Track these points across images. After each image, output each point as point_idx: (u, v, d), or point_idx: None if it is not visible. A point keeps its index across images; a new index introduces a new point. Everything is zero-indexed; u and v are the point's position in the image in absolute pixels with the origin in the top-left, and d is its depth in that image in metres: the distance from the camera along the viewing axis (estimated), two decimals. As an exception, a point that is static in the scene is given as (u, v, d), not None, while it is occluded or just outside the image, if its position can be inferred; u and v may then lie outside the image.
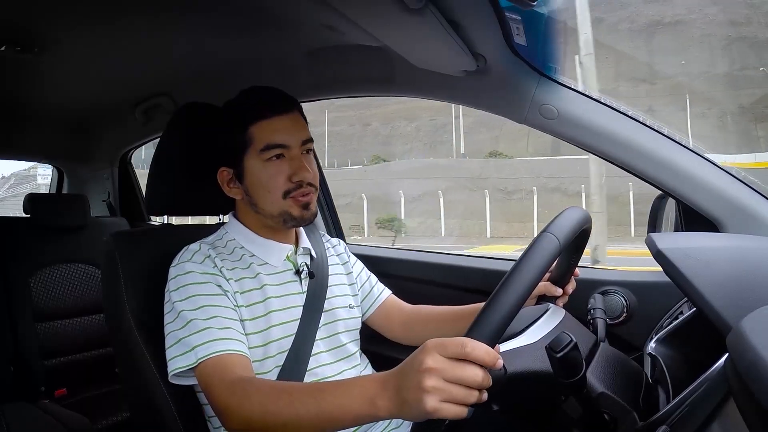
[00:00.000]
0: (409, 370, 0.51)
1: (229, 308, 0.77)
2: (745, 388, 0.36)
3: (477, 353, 0.48)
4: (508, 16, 0.78)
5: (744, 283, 0.54)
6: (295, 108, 0.85)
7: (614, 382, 0.60)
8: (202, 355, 0.70)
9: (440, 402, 0.48)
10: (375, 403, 0.54)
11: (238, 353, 0.72)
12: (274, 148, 0.81)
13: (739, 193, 0.85)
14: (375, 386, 0.54)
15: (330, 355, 0.86)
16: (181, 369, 0.72)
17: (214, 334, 0.72)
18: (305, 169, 0.81)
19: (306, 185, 0.82)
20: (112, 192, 2.12)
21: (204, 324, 0.73)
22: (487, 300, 0.52)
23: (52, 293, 1.64)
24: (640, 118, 0.90)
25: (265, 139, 0.81)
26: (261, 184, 0.82)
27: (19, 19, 1.09)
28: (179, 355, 0.72)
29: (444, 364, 0.49)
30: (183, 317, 0.74)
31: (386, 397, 0.53)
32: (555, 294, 0.82)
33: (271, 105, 0.82)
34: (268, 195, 0.82)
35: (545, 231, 0.57)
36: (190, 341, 0.72)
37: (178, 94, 1.53)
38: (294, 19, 1.05)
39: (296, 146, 0.82)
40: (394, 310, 1.01)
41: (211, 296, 0.76)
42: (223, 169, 0.86)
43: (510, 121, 0.97)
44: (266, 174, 0.81)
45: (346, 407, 0.56)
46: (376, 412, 0.54)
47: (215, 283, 0.78)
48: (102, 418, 1.42)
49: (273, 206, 0.82)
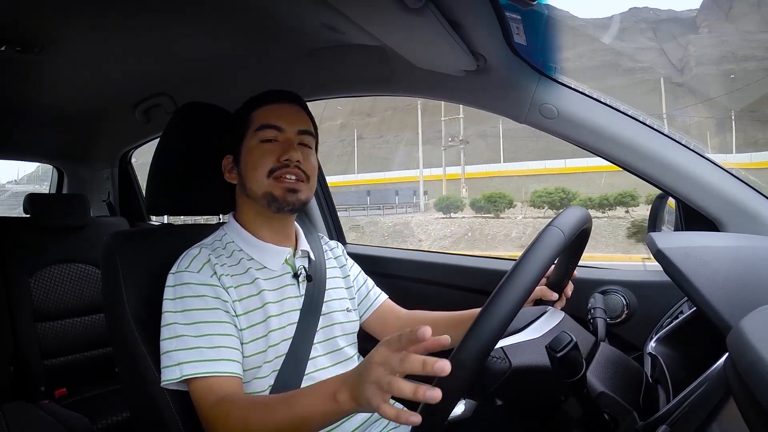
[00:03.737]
0: (362, 364, 0.56)
1: (225, 323, 0.76)
2: (745, 388, 0.36)
3: (411, 335, 0.50)
4: (507, 16, 0.78)
5: (744, 283, 0.54)
6: (297, 102, 0.89)
7: (614, 381, 0.60)
8: (188, 373, 0.71)
9: (376, 391, 0.52)
10: (336, 397, 0.57)
11: (226, 375, 0.73)
12: (268, 128, 0.84)
13: (739, 193, 0.85)
14: (336, 382, 0.59)
15: (327, 358, 0.86)
16: (167, 381, 0.73)
17: (203, 354, 0.72)
18: (294, 150, 0.83)
19: (293, 167, 0.83)
20: (112, 192, 2.12)
21: (194, 342, 0.73)
22: (496, 288, 0.52)
23: (52, 293, 1.64)
24: (641, 117, 0.91)
25: (262, 120, 0.85)
26: (251, 162, 0.84)
27: (19, 19, 1.09)
28: (166, 367, 0.73)
29: (388, 356, 0.52)
30: (173, 330, 0.74)
31: (345, 390, 0.57)
32: (551, 299, 0.83)
33: (274, 93, 0.88)
34: (254, 173, 0.83)
35: (551, 225, 0.58)
36: (177, 356, 0.72)
37: (178, 94, 1.53)
38: (294, 19, 1.05)
39: (291, 132, 0.85)
40: (390, 315, 1.01)
41: (206, 311, 0.76)
42: (227, 157, 0.89)
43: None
44: (258, 153, 0.84)
45: (313, 407, 0.60)
46: (339, 406, 0.57)
47: (212, 296, 0.77)
48: (102, 418, 1.42)
49: (258, 185, 0.83)
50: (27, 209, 1.71)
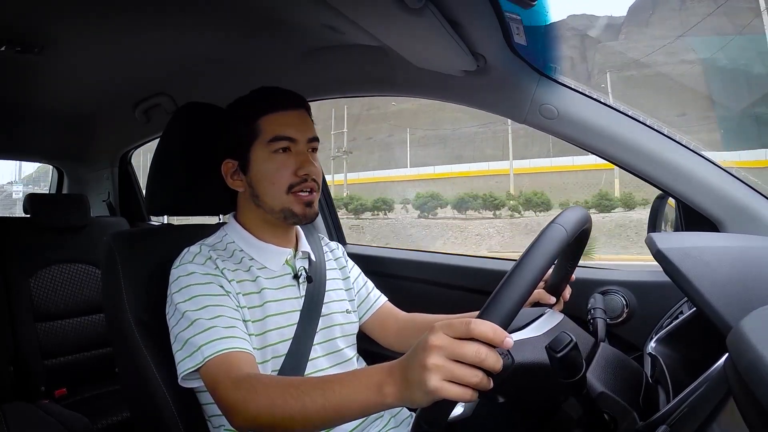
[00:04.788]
0: (415, 351, 0.51)
1: (233, 308, 0.76)
2: (745, 388, 0.36)
3: (481, 329, 0.47)
4: (507, 16, 0.78)
5: (744, 283, 0.54)
6: (303, 106, 0.87)
7: (614, 382, 0.60)
8: (208, 354, 0.70)
9: (442, 381, 0.47)
10: (382, 389, 0.53)
11: (244, 351, 0.72)
12: (281, 140, 0.82)
13: (739, 193, 0.85)
14: (382, 373, 0.54)
15: (327, 359, 0.86)
16: (190, 370, 0.71)
17: (219, 333, 0.72)
18: (311, 164, 0.82)
19: (311, 180, 0.82)
20: (112, 192, 2.12)
21: (209, 323, 0.72)
22: (498, 286, 0.52)
23: (52, 293, 1.64)
24: (641, 117, 0.90)
25: (274, 131, 0.82)
26: (266, 175, 0.82)
27: (19, 19, 1.09)
28: (187, 356, 0.72)
29: (447, 341, 0.48)
30: (187, 318, 0.73)
31: (392, 382, 0.52)
32: (549, 302, 0.82)
33: (281, 100, 0.85)
34: (271, 187, 0.82)
35: (553, 222, 0.58)
36: (196, 341, 0.71)
37: (178, 94, 1.53)
38: (294, 19, 1.05)
39: (303, 141, 0.84)
40: (390, 318, 1.01)
41: (214, 296, 0.76)
42: (227, 161, 0.86)
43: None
44: (272, 166, 0.82)
45: (353, 396, 0.55)
46: (383, 399, 0.53)
47: (218, 284, 0.77)
48: (102, 418, 1.42)
49: (275, 200, 0.83)
50: (27, 209, 1.71)
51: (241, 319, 0.77)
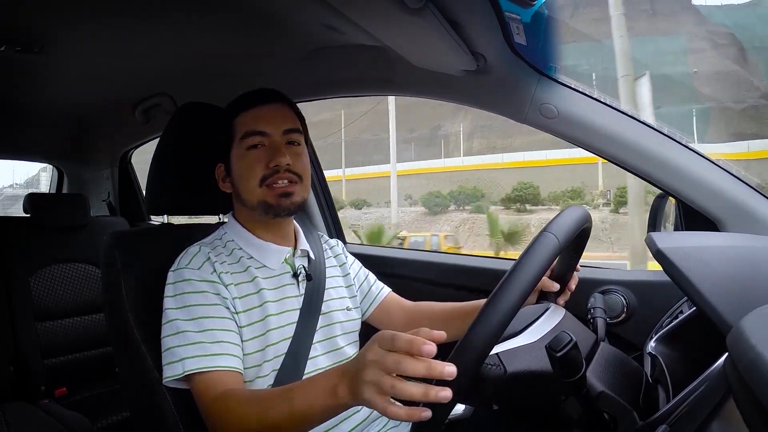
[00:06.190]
0: (357, 358, 0.53)
1: (226, 318, 0.76)
2: (745, 388, 0.36)
3: (398, 343, 0.48)
4: (507, 16, 0.78)
5: (744, 283, 0.55)
6: (278, 100, 0.87)
7: (614, 381, 0.60)
8: (190, 369, 0.71)
9: (376, 394, 0.49)
10: (335, 392, 0.55)
11: (227, 369, 0.72)
12: (253, 135, 0.83)
13: (739, 193, 0.85)
14: (336, 375, 0.56)
15: (327, 358, 0.86)
16: (169, 378, 0.73)
17: (205, 349, 0.72)
18: (282, 155, 0.81)
19: (284, 171, 0.82)
20: (112, 192, 2.12)
21: (196, 336, 0.73)
22: (487, 300, 0.51)
23: (53, 293, 1.64)
24: (640, 117, 0.91)
25: (245, 127, 0.83)
26: (242, 172, 0.83)
27: (19, 19, 1.09)
28: (168, 364, 0.73)
29: (382, 356, 0.49)
30: (175, 326, 0.74)
31: (344, 384, 0.54)
32: (551, 289, 0.80)
33: (252, 97, 0.85)
34: (246, 183, 0.83)
35: (545, 230, 0.56)
36: (179, 352, 0.72)
37: (178, 94, 1.53)
38: (294, 19, 1.05)
39: (276, 134, 0.83)
40: (395, 308, 1.01)
41: (207, 306, 0.76)
42: (219, 165, 0.89)
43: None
44: (246, 162, 0.83)
45: (312, 401, 0.58)
46: (337, 400, 0.55)
47: (213, 292, 0.77)
48: (102, 418, 1.42)
49: (251, 195, 0.83)
50: (27, 209, 1.71)
51: (234, 330, 0.76)
